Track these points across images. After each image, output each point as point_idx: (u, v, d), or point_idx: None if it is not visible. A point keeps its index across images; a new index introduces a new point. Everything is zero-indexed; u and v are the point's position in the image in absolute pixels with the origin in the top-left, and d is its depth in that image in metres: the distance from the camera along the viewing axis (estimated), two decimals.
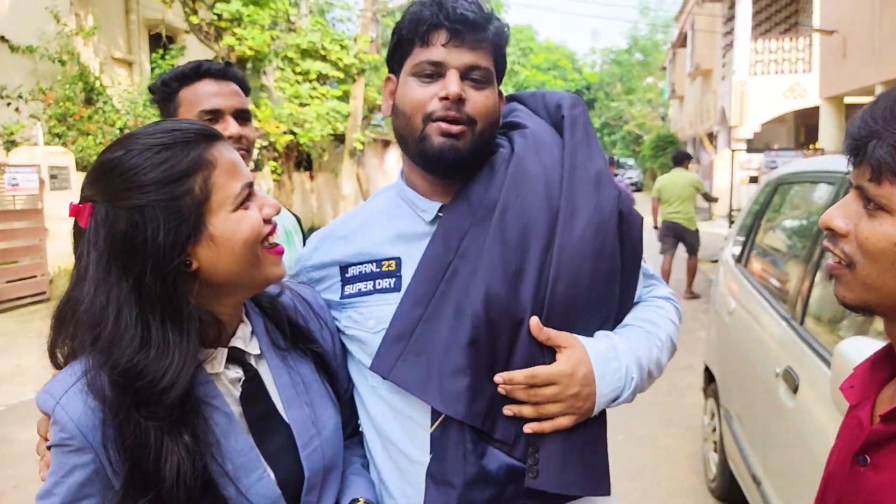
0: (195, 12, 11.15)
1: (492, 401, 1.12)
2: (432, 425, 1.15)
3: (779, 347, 2.63)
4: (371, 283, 1.23)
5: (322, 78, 13.94)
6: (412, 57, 1.19)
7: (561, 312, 1.14)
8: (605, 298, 1.20)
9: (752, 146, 18.83)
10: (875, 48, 9.56)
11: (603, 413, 1.19)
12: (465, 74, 1.16)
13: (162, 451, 0.93)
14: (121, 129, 10.36)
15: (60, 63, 10.44)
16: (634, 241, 1.24)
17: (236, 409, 1.05)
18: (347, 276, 1.26)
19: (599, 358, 1.14)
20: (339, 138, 15.94)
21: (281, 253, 1.06)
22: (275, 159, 13.14)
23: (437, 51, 1.16)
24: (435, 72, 1.16)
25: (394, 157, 24.17)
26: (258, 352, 1.11)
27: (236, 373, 1.07)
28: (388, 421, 1.20)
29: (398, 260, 1.22)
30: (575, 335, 1.15)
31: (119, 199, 0.95)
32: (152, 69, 13.44)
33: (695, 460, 4.12)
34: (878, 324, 2.28)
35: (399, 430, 1.19)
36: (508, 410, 1.12)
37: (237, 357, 1.08)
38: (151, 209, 0.94)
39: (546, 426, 1.12)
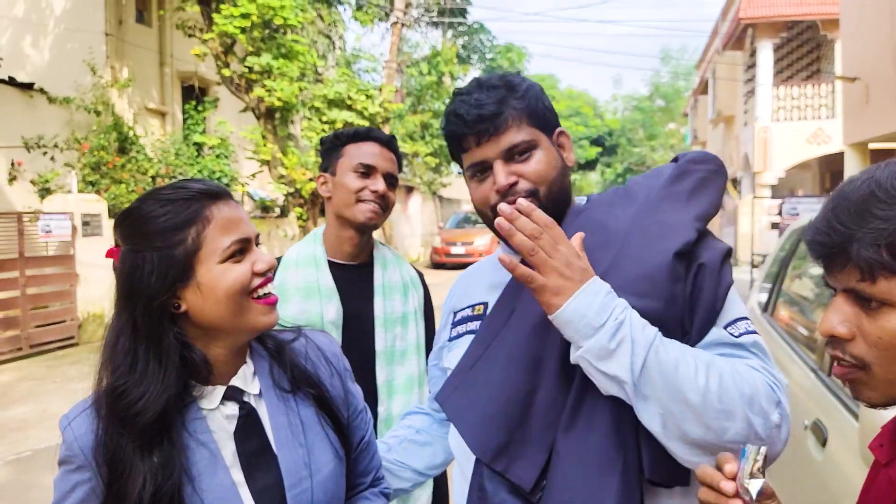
0: (227, 65, 11.49)
1: (508, 442, 1.15)
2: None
3: (807, 399, 2.60)
4: (464, 325, 1.35)
5: (348, 126, 14.20)
6: (464, 163, 1.30)
7: None
8: None
9: (777, 192, 18.73)
10: None
11: (613, 466, 1.08)
12: (509, 157, 1.24)
13: (131, 469, 1.03)
14: (153, 178, 10.62)
15: (95, 113, 10.80)
16: (708, 297, 1.13)
17: (229, 445, 1.12)
18: (454, 320, 1.39)
19: (595, 285, 1.06)
20: None
21: (273, 303, 1.14)
22: (300, 206, 13.33)
23: (474, 153, 1.26)
24: (484, 168, 1.26)
25: (417, 203, 24.38)
26: (257, 391, 1.17)
27: (232, 410, 1.14)
28: (457, 449, 1.30)
29: (485, 305, 1.33)
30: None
31: (129, 243, 1.09)
32: (184, 119, 13.83)
33: None
34: None
35: (463, 458, 1.27)
36: (507, 207, 1.05)
37: (235, 395, 1.15)
38: (150, 254, 1.07)
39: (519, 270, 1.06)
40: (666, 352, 1.04)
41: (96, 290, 8.98)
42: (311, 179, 12.88)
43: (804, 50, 20.70)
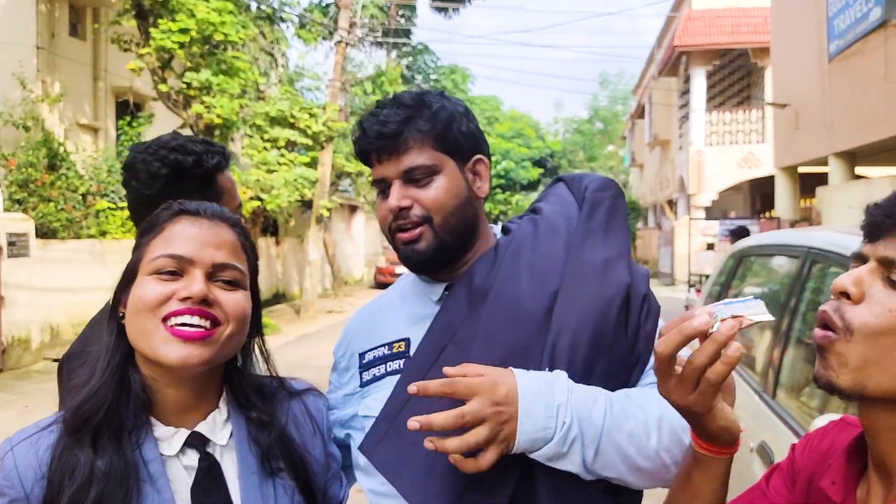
0: (164, 81, 11.20)
1: (462, 496, 1.07)
2: None
3: (753, 421, 2.63)
4: (383, 366, 1.24)
5: (290, 145, 14.03)
6: (373, 178, 1.25)
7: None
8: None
9: (711, 214, 19.34)
10: (826, 121, 10.01)
11: None
12: (408, 178, 1.19)
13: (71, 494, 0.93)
14: (83, 196, 10.22)
15: (24, 129, 10.34)
16: (637, 329, 1.16)
17: (185, 498, 1.00)
18: (364, 362, 1.27)
19: (528, 388, 1.03)
20: (307, 204, 15.93)
21: (185, 337, 0.98)
22: None
23: (377, 169, 1.23)
24: (384, 185, 1.22)
25: (360, 223, 24.20)
26: (224, 442, 1.05)
27: (191, 460, 1.02)
28: (384, 500, 1.17)
29: (407, 340, 1.23)
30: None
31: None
32: (118, 136, 13.40)
33: None
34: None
35: None
36: (429, 444, 0.99)
37: (196, 443, 1.03)
38: (134, 253, 1.06)
39: (469, 465, 1.00)
40: (616, 426, 1.05)
41: (23, 313, 8.53)
42: (251, 199, 12.64)
43: (736, 77, 21.54)
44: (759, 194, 20.71)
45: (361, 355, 1.28)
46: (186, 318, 0.99)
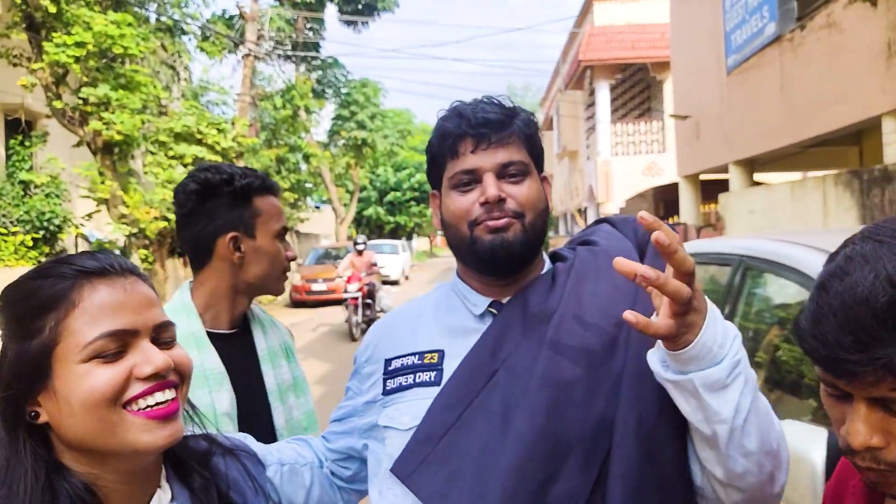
0: (59, 97, 10.51)
1: None
2: None
3: None
4: (412, 376, 1.15)
5: (198, 161, 13.51)
6: (448, 171, 1.17)
7: (636, 435, 1.01)
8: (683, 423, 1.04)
9: None
10: (726, 131, 10.50)
11: None
12: (501, 173, 1.14)
13: None
14: None
15: None
16: None
17: None
18: (390, 369, 1.19)
19: (712, 307, 0.97)
20: None
21: (163, 416, 0.88)
22: (145, 247, 12.40)
23: (467, 159, 1.15)
24: (472, 179, 1.15)
25: None
26: None
27: None
28: None
29: (441, 353, 1.15)
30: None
31: (1, 327, 0.89)
32: (9, 156, 12.53)
33: None
34: (812, 405, 2.33)
35: None
36: (648, 215, 0.88)
37: None
38: (11, 344, 0.86)
39: (642, 322, 0.91)
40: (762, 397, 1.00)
41: None
42: (157, 218, 12.06)
43: (637, 90, 22.39)
44: (663, 201, 21.55)
45: (388, 361, 1.21)
46: (158, 397, 0.87)
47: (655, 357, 0.99)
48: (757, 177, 11.18)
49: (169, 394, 0.89)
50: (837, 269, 0.77)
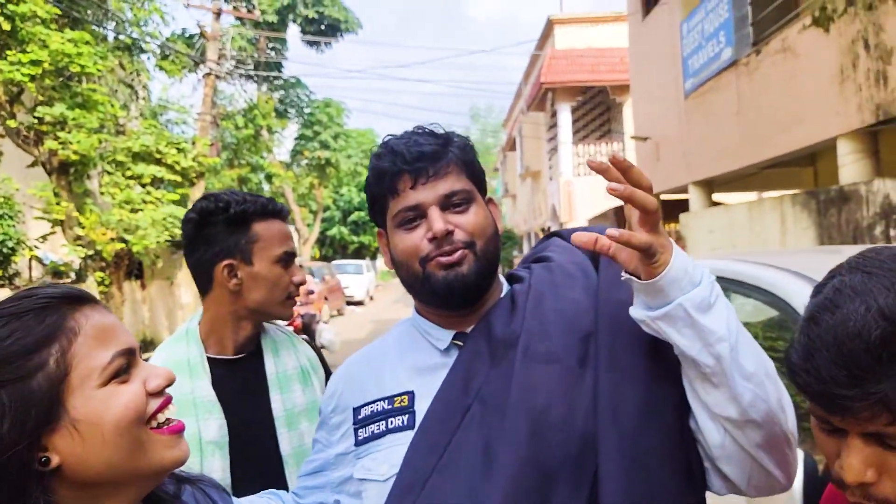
0: (13, 116, 10.23)
1: None
2: None
3: None
4: (383, 422, 1.10)
5: (157, 182, 13.26)
6: (390, 209, 1.14)
7: (619, 448, 0.98)
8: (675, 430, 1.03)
9: None
10: (685, 153, 10.71)
11: None
12: (445, 204, 1.12)
13: None
14: None
15: None
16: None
17: None
18: (360, 417, 1.14)
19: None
20: (177, 244, 15.08)
21: (177, 431, 0.88)
22: (102, 269, 12.09)
23: (408, 196, 1.12)
24: (416, 215, 1.12)
25: None
26: None
27: None
28: None
29: (411, 394, 1.11)
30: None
31: None
32: None
33: None
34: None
35: None
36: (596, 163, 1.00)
37: None
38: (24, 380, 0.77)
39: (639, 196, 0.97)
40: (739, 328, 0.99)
41: None
42: (113, 239, 11.78)
43: (597, 112, 22.77)
44: (624, 220, 21.90)
45: (356, 410, 1.16)
46: (170, 413, 0.87)
47: (637, 308, 0.99)
48: (716, 197, 11.41)
49: (173, 409, 0.89)
50: (827, 302, 0.75)
